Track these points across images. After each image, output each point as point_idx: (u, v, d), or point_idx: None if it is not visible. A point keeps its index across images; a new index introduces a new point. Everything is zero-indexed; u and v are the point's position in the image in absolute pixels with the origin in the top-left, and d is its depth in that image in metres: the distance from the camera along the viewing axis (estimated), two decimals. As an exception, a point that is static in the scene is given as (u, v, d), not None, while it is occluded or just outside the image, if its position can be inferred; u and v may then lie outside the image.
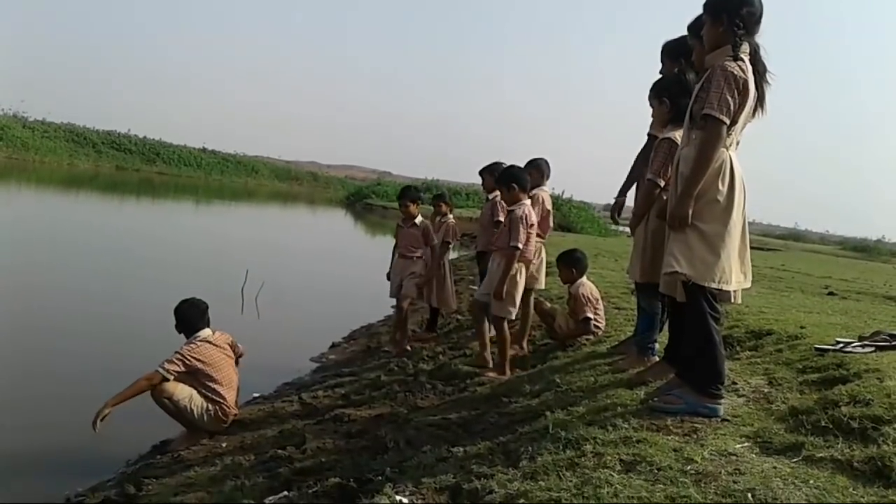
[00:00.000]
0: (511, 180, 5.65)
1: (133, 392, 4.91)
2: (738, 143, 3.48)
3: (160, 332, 5.47)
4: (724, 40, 3.37)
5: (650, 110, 4.68)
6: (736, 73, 3.27)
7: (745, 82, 3.30)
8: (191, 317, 5.34)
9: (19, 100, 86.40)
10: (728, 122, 3.28)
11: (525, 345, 6.43)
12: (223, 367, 5.30)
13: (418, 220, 7.53)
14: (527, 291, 6.47)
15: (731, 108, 3.27)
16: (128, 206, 29.11)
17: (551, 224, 6.69)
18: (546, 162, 6.69)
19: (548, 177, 6.69)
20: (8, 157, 45.84)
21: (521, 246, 5.47)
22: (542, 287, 6.67)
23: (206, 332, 5.31)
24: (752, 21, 3.36)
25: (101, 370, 6.46)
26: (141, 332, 7.68)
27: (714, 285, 3.33)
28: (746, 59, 3.34)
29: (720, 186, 3.34)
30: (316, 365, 7.70)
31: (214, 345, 5.29)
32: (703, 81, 3.40)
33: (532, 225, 5.59)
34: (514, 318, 5.77)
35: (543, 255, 6.62)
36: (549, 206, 6.61)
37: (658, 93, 4.42)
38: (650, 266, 4.31)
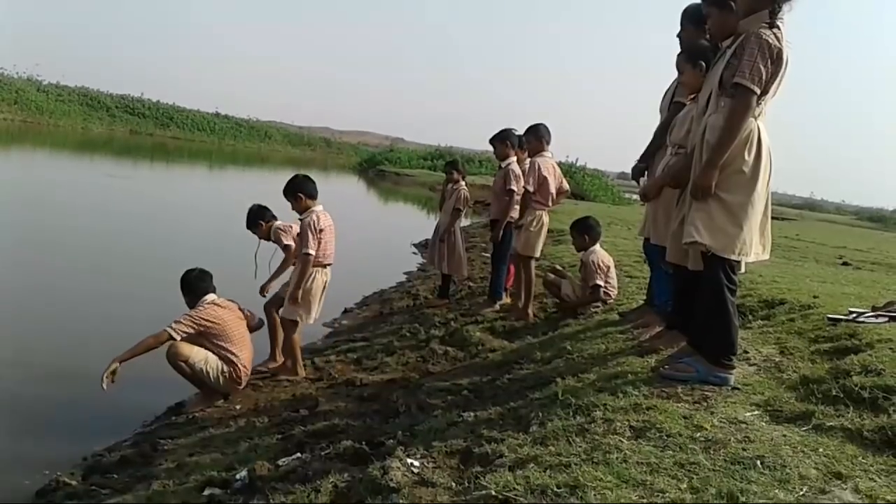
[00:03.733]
0: (295, 191, 5.79)
1: (141, 349, 4.91)
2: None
3: (173, 295, 5.51)
4: (760, 5, 3.26)
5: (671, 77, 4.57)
6: (771, 41, 3.18)
7: (780, 51, 3.21)
8: (196, 285, 5.38)
9: (34, 63, 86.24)
10: (759, 91, 3.20)
11: (530, 312, 6.45)
12: (235, 326, 5.35)
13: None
14: (526, 259, 6.50)
15: (763, 77, 3.19)
16: (142, 169, 29.14)
17: (552, 190, 6.59)
18: (546, 128, 6.64)
19: (548, 143, 6.64)
20: (23, 121, 45.96)
21: (312, 252, 5.55)
22: (537, 255, 6.68)
23: (211, 297, 5.36)
24: None
25: (116, 332, 6.53)
26: (154, 295, 7.73)
27: (734, 257, 3.30)
28: (783, 27, 3.26)
29: (746, 157, 3.27)
30: (328, 330, 7.76)
31: (221, 306, 5.34)
32: (735, 47, 3.31)
33: (322, 230, 5.64)
34: (309, 321, 5.79)
35: (545, 221, 6.62)
36: (546, 173, 6.55)
37: (693, 57, 4.21)
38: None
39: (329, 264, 5.83)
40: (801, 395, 3.08)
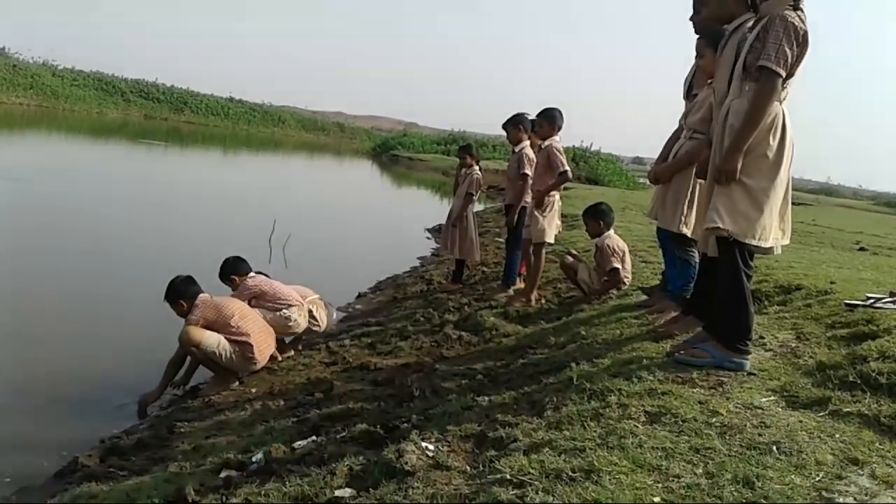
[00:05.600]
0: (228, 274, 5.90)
1: (172, 370, 5.19)
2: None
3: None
4: None
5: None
6: (796, 23, 3.14)
7: (805, 34, 3.16)
8: (185, 289, 5.41)
9: (49, 48, 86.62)
10: (784, 74, 3.16)
11: (534, 298, 6.44)
12: (238, 310, 5.42)
13: None
14: (537, 245, 6.48)
15: (789, 60, 3.15)
16: (157, 154, 29.26)
17: (557, 172, 6.45)
18: (560, 112, 6.57)
19: (560, 128, 6.58)
20: (38, 105, 46.23)
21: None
22: (551, 241, 6.64)
23: (204, 295, 5.42)
24: None
25: (126, 321, 6.61)
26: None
27: (754, 242, 3.27)
28: (805, 8, 3.20)
29: (771, 142, 3.23)
30: (343, 315, 7.78)
31: (211, 301, 5.42)
32: (758, 30, 3.26)
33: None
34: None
35: (557, 207, 6.59)
36: (541, 159, 6.52)
37: (714, 41, 4.09)
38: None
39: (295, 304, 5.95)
40: (817, 381, 3.06)
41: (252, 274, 6.03)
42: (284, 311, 5.85)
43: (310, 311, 6.22)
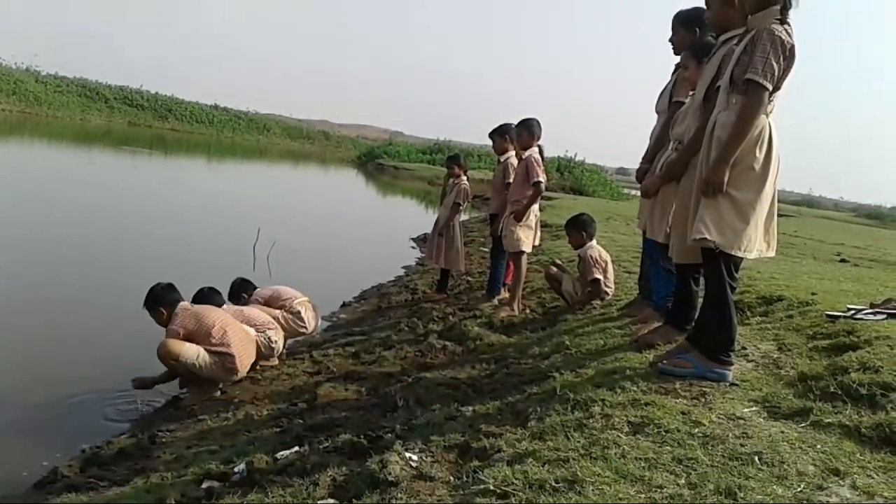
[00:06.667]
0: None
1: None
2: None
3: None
4: (771, 1, 3.25)
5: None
6: (783, 37, 3.17)
7: (793, 48, 3.20)
8: (165, 296, 5.41)
9: (32, 54, 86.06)
10: (771, 88, 3.20)
11: (517, 307, 6.46)
12: (219, 320, 5.38)
13: None
14: (515, 254, 6.52)
15: (776, 74, 3.18)
16: (141, 162, 29.08)
17: (531, 182, 6.52)
18: (538, 122, 6.67)
19: (538, 137, 6.65)
20: (21, 111, 45.90)
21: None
22: (528, 250, 6.69)
23: (183, 304, 5.41)
24: None
25: (108, 327, 6.57)
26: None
27: (739, 253, 3.30)
28: (792, 23, 3.24)
29: (757, 154, 3.26)
30: (327, 324, 7.76)
31: (192, 308, 5.41)
32: (745, 43, 3.29)
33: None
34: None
35: (535, 216, 6.62)
36: (521, 169, 6.62)
37: (699, 54, 4.21)
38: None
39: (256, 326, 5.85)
40: (798, 392, 3.08)
41: (224, 306, 5.98)
42: (267, 332, 5.86)
43: (298, 313, 6.24)
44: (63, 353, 5.82)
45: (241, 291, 6.53)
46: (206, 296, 5.91)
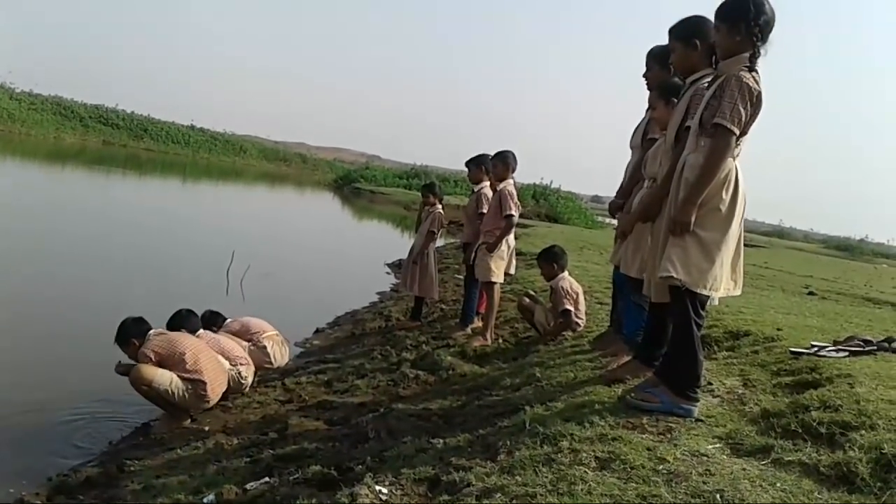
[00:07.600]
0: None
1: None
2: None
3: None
4: (740, 49, 3.36)
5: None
6: (751, 84, 3.29)
7: (759, 95, 3.32)
8: (135, 328, 5.41)
9: (6, 70, 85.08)
10: (738, 132, 3.31)
11: (489, 336, 6.52)
12: (191, 346, 5.38)
13: None
14: (486, 284, 6.59)
15: (743, 119, 3.29)
16: (114, 182, 28.86)
17: (503, 215, 6.63)
18: (514, 155, 6.81)
19: (513, 170, 6.79)
20: (-7, 129, 45.35)
21: None
22: (501, 280, 6.75)
23: (154, 330, 5.43)
24: (767, 31, 3.36)
25: (76, 353, 6.49)
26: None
27: (705, 292, 3.39)
28: (760, 70, 3.35)
29: (724, 195, 3.37)
30: (300, 350, 7.74)
31: (165, 333, 5.43)
32: (714, 89, 3.41)
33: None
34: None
35: (506, 246, 6.69)
36: (495, 200, 6.75)
37: (666, 93, 4.34)
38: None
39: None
40: (761, 429, 3.15)
41: (200, 332, 5.95)
42: (239, 367, 5.86)
43: (264, 348, 6.22)
44: (30, 379, 5.75)
45: (211, 324, 6.46)
46: (184, 318, 5.90)
